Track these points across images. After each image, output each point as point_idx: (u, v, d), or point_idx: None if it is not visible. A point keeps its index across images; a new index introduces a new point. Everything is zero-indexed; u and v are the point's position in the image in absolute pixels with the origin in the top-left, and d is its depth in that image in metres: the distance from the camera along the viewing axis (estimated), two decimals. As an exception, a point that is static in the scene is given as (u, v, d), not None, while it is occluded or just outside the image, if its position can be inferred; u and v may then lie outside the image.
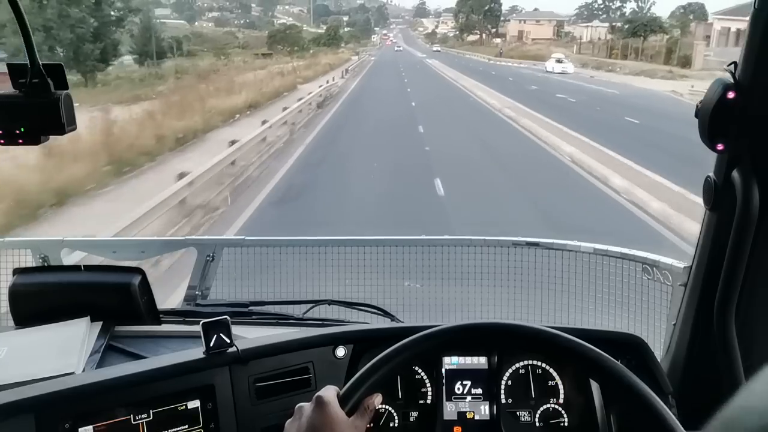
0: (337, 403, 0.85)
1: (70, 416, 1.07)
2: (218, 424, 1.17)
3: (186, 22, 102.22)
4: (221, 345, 1.17)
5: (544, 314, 1.81)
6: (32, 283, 1.54)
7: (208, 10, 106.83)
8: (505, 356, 1.26)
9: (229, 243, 1.95)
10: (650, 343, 1.30)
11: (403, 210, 8.47)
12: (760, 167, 1.00)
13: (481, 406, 1.24)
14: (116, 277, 1.56)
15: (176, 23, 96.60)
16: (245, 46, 76.44)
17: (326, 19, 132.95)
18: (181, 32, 76.69)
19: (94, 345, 1.40)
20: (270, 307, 1.74)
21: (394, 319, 1.66)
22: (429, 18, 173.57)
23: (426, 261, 1.90)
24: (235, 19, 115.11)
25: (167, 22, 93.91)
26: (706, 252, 1.15)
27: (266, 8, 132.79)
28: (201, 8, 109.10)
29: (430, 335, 0.92)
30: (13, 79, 1.03)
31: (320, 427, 0.82)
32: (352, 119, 18.84)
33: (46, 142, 1.06)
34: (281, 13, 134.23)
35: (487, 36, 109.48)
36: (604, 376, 0.87)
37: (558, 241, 1.85)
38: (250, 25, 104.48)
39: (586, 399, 1.23)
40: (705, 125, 1.02)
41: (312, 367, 1.24)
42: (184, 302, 1.81)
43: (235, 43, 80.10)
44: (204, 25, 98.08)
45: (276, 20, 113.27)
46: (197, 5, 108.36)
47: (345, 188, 9.87)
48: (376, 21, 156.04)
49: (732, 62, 1.01)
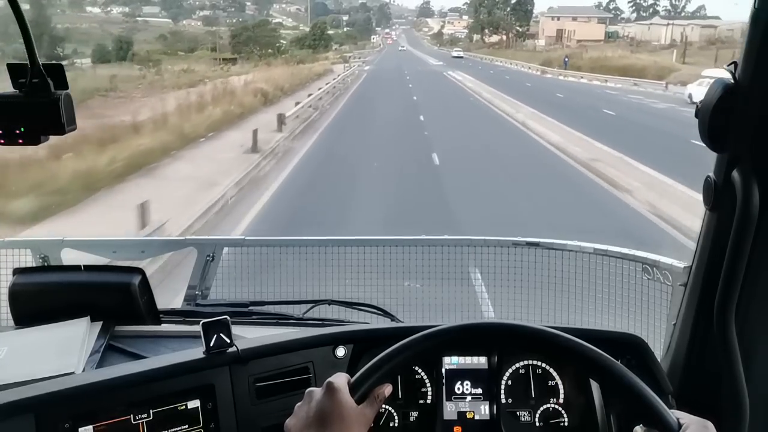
0: (348, 391, 0.86)
1: (70, 416, 1.07)
2: (218, 424, 1.17)
3: (171, 21, 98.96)
4: (221, 345, 1.17)
5: (544, 314, 1.81)
6: (32, 283, 1.54)
7: (200, 8, 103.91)
8: (505, 356, 1.26)
9: (229, 243, 1.96)
10: (650, 343, 1.31)
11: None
12: (760, 167, 1.00)
13: (481, 406, 1.24)
14: (116, 277, 1.56)
15: (161, 21, 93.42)
16: (215, 48, 62.23)
17: (324, 19, 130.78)
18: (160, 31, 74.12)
19: (94, 345, 1.40)
20: (270, 307, 1.74)
21: (394, 319, 1.66)
22: (434, 18, 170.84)
23: (426, 261, 1.90)
24: (227, 17, 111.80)
25: (150, 21, 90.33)
26: (706, 252, 1.15)
27: (261, 6, 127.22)
28: (192, 6, 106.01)
29: (429, 335, 0.92)
30: (13, 79, 1.03)
31: (329, 413, 0.83)
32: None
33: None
34: (278, 12, 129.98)
35: (514, 37, 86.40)
36: (604, 376, 0.87)
37: (558, 241, 1.86)
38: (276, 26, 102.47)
39: (586, 399, 1.23)
40: (705, 125, 1.02)
41: (312, 367, 1.24)
42: (184, 302, 1.81)
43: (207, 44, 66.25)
44: (193, 24, 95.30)
45: (272, 19, 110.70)
46: (188, 3, 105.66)
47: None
48: (378, 21, 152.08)
49: (732, 62, 1.01)
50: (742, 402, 1.07)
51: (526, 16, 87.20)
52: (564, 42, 74.74)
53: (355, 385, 0.87)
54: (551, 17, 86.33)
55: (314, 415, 0.83)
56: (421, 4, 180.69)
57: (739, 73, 0.99)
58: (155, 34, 71.85)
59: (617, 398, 1.14)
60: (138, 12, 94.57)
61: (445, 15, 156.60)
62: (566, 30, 78.75)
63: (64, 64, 1.09)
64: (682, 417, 0.82)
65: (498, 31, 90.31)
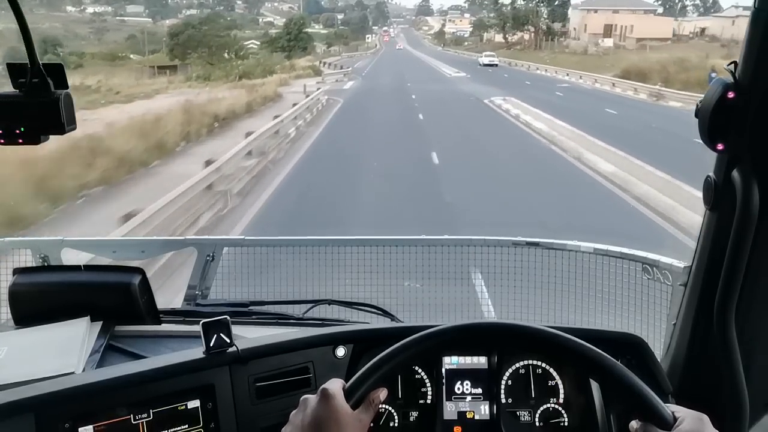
0: (343, 396, 0.85)
1: (70, 416, 1.07)
2: (218, 424, 1.17)
3: (150, 20, 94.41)
4: (221, 345, 1.17)
5: (544, 314, 1.81)
6: (32, 283, 1.54)
7: (187, 6, 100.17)
8: (505, 356, 1.26)
9: (229, 243, 1.96)
10: (650, 343, 1.31)
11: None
12: (760, 167, 1.00)
13: (481, 405, 1.24)
14: (116, 276, 1.56)
15: (140, 21, 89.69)
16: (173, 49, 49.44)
17: (318, 17, 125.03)
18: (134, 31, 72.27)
19: (94, 345, 1.40)
20: (270, 307, 1.74)
21: (394, 319, 1.66)
22: (433, 17, 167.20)
23: (426, 261, 1.90)
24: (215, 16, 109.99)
25: (128, 20, 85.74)
26: (706, 252, 1.15)
27: (252, 5, 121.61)
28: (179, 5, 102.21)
29: (430, 335, 0.92)
30: (13, 78, 1.03)
31: (325, 419, 0.82)
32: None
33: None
34: (269, 10, 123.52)
35: (542, 34, 65.94)
36: (604, 376, 0.87)
37: (558, 241, 1.86)
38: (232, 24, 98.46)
39: (586, 399, 1.23)
40: (705, 125, 1.02)
41: (312, 367, 1.24)
42: (184, 302, 1.81)
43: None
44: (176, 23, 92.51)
45: (262, 18, 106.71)
46: (174, 1, 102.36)
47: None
48: (375, 19, 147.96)
49: (732, 62, 1.01)
50: (742, 402, 1.07)
51: (563, 8, 68.58)
52: (618, 41, 56.38)
53: (350, 390, 0.87)
54: (587, 10, 65.91)
55: (309, 423, 0.82)
56: (419, 3, 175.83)
57: (739, 73, 0.99)
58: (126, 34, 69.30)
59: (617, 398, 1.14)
60: (121, 11, 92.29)
61: (446, 13, 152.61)
62: (617, 25, 59.19)
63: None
64: (678, 410, 0.82)
65: (523, 28, 70.38)
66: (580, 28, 64.68)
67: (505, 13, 72.67)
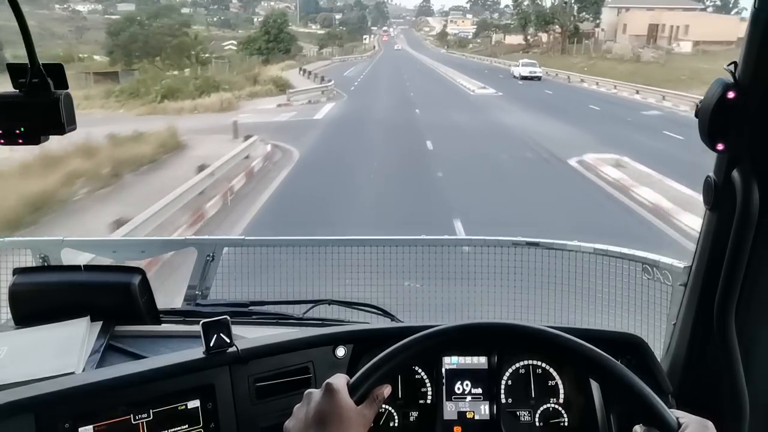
0: (347, 391, 0.85)
1: (70, 416, 1.07)
2: (218, 424, 1.17)
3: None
4: (221, 345, 1.17)
5: (544, 314, 1.81)
6: (32, 283, 1.54)
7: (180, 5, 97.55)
8: (505, 356, 1.26)
9: (229, 243, 1.95)
10: (650, 343, 1.30)
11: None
12: (760, 167, 1.00)
13: (481, 405, 1.24)
14: (116, 276, 1.56)
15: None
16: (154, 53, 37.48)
17: (315, 17, 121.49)
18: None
19: (94, 345, 1.40)
20: (270, 307, 1.74)
21: (394, 319, 1.66)
22: (434, 17, 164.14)
23: (426, 261, 1.90)
24: (208, 15, 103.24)
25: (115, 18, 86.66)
26: (706, 252, 1.15)
27: (246, 3, 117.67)
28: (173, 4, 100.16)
29: (429, 335, 0.92)
30: (13, 79, 1.03)
31: (328, 414, 0.82)
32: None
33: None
34: (265, 10, 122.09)
35: (570, 36, 52.70)
36: (604, 376, 0.87)
37: (558, 241, 1.86)
38: (225, 23, 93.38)
39: (586, 399, 1.23)
40: (705, 125, 1.02)
41: (312, 367, 1.24)
42: (184, 302, 1.81)
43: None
44: (116, 20, 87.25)
45: (257, 18, 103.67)
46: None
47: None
48: (375, 20, 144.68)
49: (732, 62, 1.01)
50: (742, 402, 1.07)
51: (597, 5, 56.21)
52: (670, 43, 43.16)
53: (354, 385, 0.87)
54: (617, 8, 52.97)
55: (313, 417, 0.83)
56: (420, 3, 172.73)
57: (739, 73, 0.99)
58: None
59: (617, 398, 1.14)
60: (111, 9, 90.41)
61: (447, 14, 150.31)
62: (664, 25, 46.06)
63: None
64: (682, 416, 0.82)
65: (547, 27, 56.60)
66: (610, 29, 52.96)
67: (525, 10, 59.33)
